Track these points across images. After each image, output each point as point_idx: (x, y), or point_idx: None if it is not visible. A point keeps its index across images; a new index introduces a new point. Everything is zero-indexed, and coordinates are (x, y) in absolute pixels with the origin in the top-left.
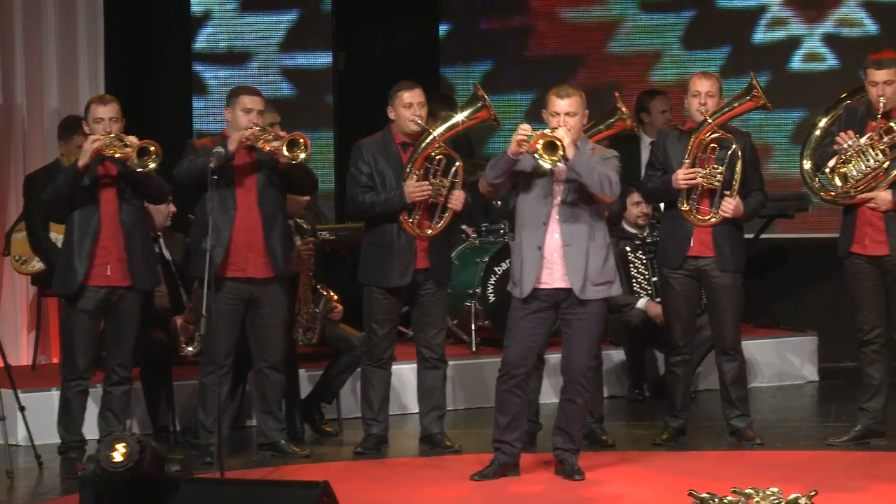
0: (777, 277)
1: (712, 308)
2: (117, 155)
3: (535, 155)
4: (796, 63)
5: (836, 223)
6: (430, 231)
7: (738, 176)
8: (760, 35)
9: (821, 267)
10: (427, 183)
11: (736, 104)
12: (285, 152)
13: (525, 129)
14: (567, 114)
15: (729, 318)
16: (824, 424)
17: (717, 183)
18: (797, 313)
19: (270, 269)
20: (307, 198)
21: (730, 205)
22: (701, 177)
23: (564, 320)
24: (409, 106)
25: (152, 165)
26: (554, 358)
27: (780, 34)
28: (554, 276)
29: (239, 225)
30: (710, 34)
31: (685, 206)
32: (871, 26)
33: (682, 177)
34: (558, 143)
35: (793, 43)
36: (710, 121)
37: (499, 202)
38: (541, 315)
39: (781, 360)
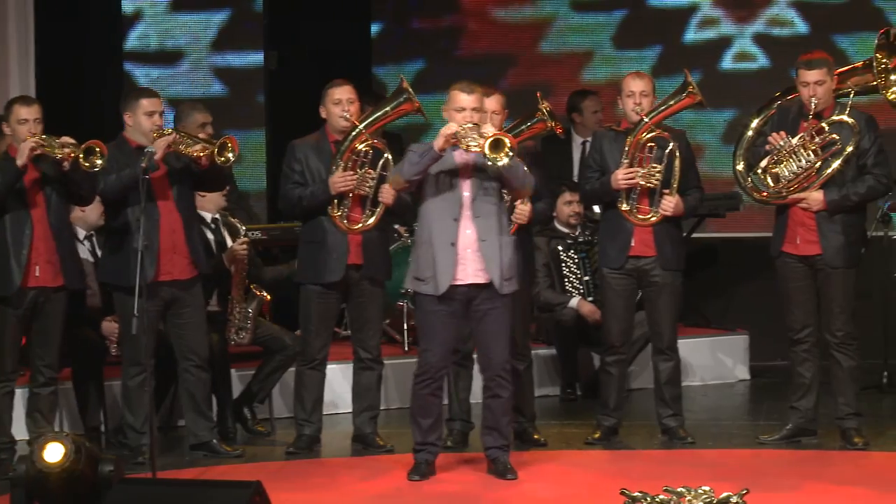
0: (708, 277)
1: (651, 307)
2: (58, 155)
3: (485, 155)
4: (727, 62)
5: (767, 223)
6: (359, 225)
7: (676, 174)
8: (691, 35)
9: (752, 266)
10: (352, 173)
11: (672, 102)
12: (217, 156)
13: (452, 126)
14: (474, 109)
15: (667, 317)
16: (756, 423)
17: (656, 182)
18: (728, 313)
19: (194, 270)
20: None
21: (670, 203)
22: (640, 176)
23: (479, 317)
24: (338, 103)
25: (99, 162)
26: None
27: (710, 34)
28: (468, 271)
29: (163, 229)
30: (641, 34)
31: (625, 206)
32: (801, 26)
33: (621, 177)
34: (505, 140)
35: (723, 42)
36: (646, 120)
37: None
38: (456, 313)
39: (713, 360)
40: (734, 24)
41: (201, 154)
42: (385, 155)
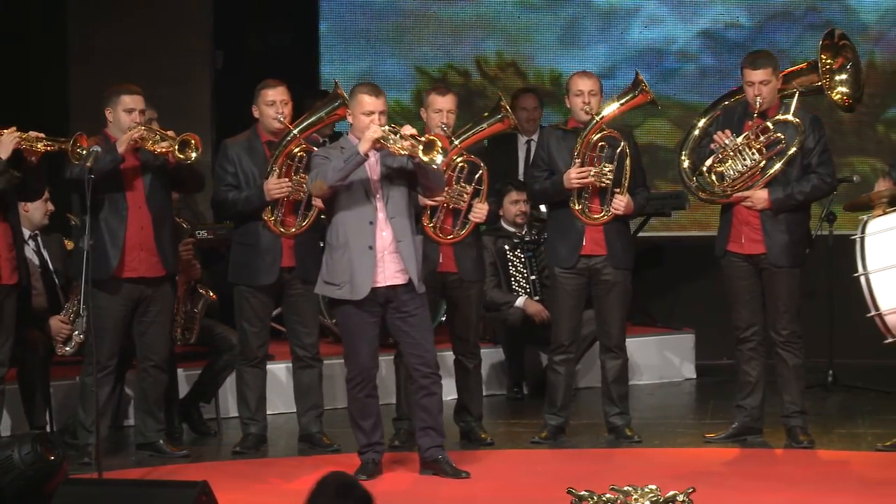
0: (654, 275)
1: (600, 306)
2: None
3: (419, 158)
4: (671, 62)
5: (712, 222)
6: (293, 229)
7: (627, 173)
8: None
9: (697, 265)
10: (287, 180)
11: (623, 101)
12: (178, 153)
13: (378, 131)
14: (381, 112)
15: (617, 316)
16: (702, 422)
17: (608, 181)
18: (674, 311)
19: (162, 268)
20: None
21: (621, 202)
22: (593, 176)
23: (401, 318)
24: (272, 104)
25: (82, 152)
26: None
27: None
28: (387, 273)
29: (131, 225)
30: (586, 33)
31: (577, 205)
32: (746, 25)
33: (574, 176)
34: (437, 141)
35: (668, 41)
36: (597, 119)
37: None
38: (376, 313)
39: (659, 358)
40: (679, 24)
41: (165, 151)
42: None
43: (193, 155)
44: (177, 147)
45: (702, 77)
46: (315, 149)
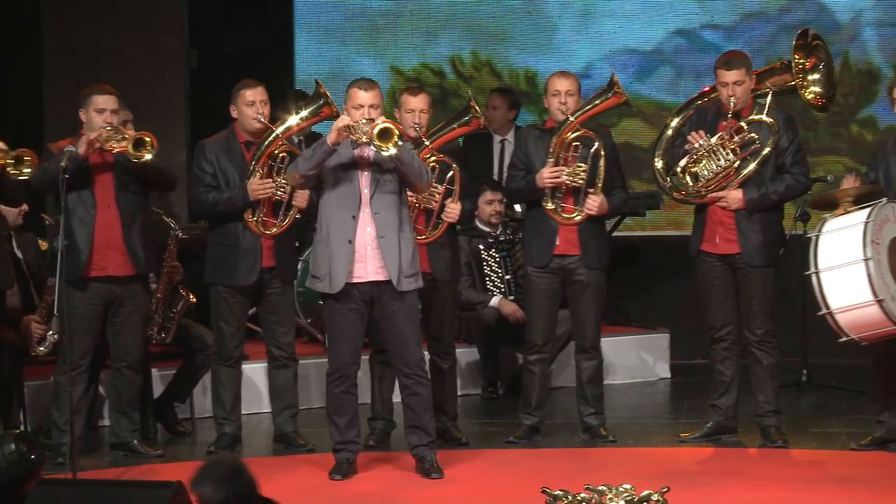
0: (629, 275)
1: (575, 306)
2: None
3: (373, 144)
4: (646, 61)
5: (687, 221)
6: (274, 229)
7: (601, 173)
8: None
9: (672, 265)
10: (270, 180)
11: (598, 102)
12: (131, 152)
13: (345, 119)
14: (372, 106)
15: (591, 316)
16: (676, 421)
17: (581, 181)
18: (649, 311)
19: (131, 267)
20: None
21: (594, 202)
22: (565, 175)
23: (386, 316)
24: (251, 104)
25: (28, 171)
26: None
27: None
28: (368, 269)
29: (99, 224)
30: (562, 32)
31: (550, 205)
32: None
33: (546, 176)
34: (393, 128)
35: (644, 41)
36: (572, 119)
37: None
38: (360, 310)
39: (634, 358)
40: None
41: (123, 150)
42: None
43: (148, 155)
44: (130, 146)
45: (677, 77)
46: (299, 151)
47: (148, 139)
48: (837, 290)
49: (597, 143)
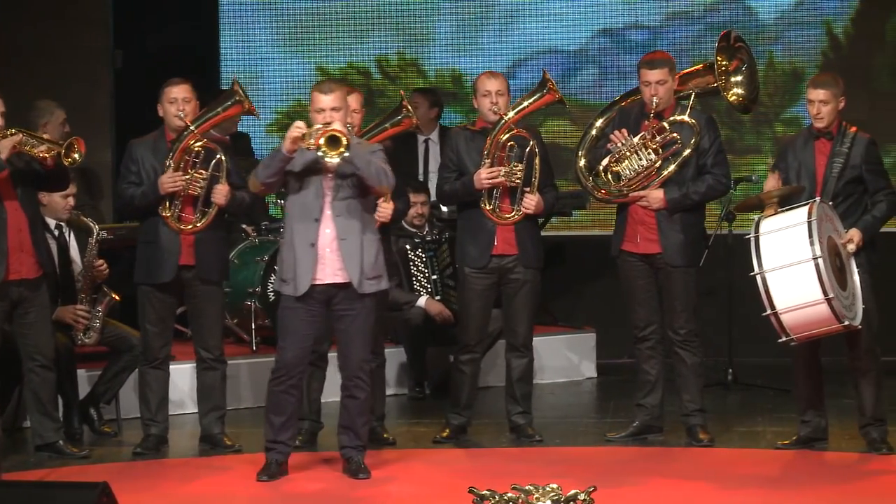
0: (555, 275)
1: (508, 304)
2: None
3: (319, 152)
4: (571, 62)
5: (613, 221)
6: (191, 226)
7: (537, 172)
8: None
9: (598, 264)
10: (181, 174)
11: (531, 101)
12: (64, 157)
13: (300, 126)
14: (333, 109)
15: (525, 314)
16: (603, 421)
17: (518, 181)
18: (576, 311)
19: (39, 269)
20: (70, 201)
21: (531, 201)
22: (503, 175)
23: (338, 316)
24: (173, 101)
25: (76, 155)
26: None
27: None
28: (327, 271)
29: (10, 228)
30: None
31: (488, 205)
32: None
33: (484, 177)
34: (340, 136)
35: (569, 41)
36: (506, 119)
37: None
38: (315, 312)
39: (560, 357)
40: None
41: (46, 155)
42: (218, 155)
43: (78, 158)
44: (64, 150)
45: (602, 77)
46: (216, 147)
47: (76, 144)
48: (785, 289)
49: (531, 142)
